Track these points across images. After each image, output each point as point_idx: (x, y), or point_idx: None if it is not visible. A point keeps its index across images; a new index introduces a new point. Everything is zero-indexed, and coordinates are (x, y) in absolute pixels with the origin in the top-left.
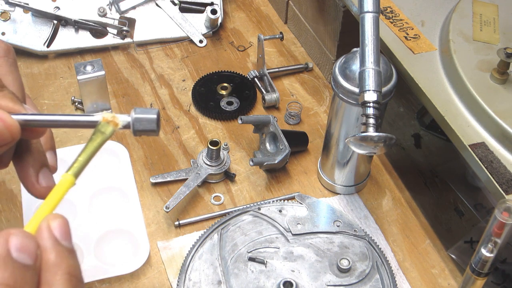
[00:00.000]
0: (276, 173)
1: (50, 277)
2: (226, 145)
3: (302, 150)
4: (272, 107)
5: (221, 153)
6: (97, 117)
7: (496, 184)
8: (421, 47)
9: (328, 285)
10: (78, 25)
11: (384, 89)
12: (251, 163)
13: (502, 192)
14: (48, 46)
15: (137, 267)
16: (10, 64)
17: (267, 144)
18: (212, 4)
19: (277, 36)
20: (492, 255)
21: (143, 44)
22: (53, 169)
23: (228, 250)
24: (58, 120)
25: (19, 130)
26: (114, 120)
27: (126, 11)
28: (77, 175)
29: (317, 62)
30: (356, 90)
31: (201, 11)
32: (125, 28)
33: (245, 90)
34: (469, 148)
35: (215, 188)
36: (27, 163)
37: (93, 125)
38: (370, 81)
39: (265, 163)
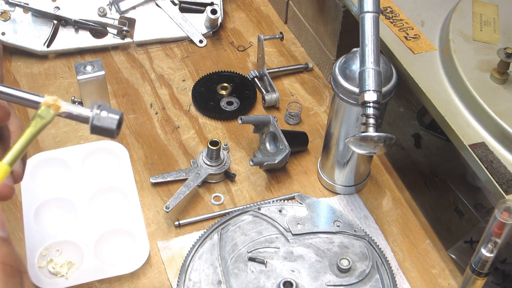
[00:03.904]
0: (276, 173)
1: None
2: (226, 145)
3: (302, 150)
4: (272, 107)
5: (221, 153)
6: (40, 98)
7: (496, 184)
8: (421, 47)
9: (328, 285)
10: (78, 25)
11: (384, 89)
12: (251, 163)
13: (502, 192)
14: (48, 46)
15: (137, 267)
16: None
17: (267, 144)
18: (212, 4)
19: (277, 36)
20: (492, 255)
21: (143, 44)
22: (18, 177)
23: (228, 250)
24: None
25: None
26: (56, 104)
27: (126, 11)
28: (12, 163)
29: (317, 62)
30: (356, 90)
31: (201, 11)
32: (125, 28)
33: (245, 90)
34: (469, 148)
35: (215, 188)
36: None
37: (34, 105)
38: (370, 81)
39: (265, 163)
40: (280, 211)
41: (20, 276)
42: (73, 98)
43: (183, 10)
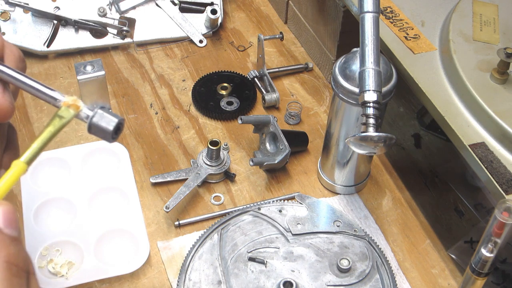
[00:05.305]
0: (276, 173)
1: None
2: (226, 145)
3: (302, 150)
4: (272, 107)
5: (221, 153)
6: (57, 95)
7: (496, 184)
8: (421, 47)
9: (328, 285)
10: (78, 25)
11: (384, 89)
12: (251, 163)
13: (502, 192)
14: (48, 46)
15: (137, 267)
16: (17, 68)
17: (267, 144)
18: (212, 4)
19: (277, 36)
20: (492, 255)
21: (143, 44)
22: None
23: (228, 250)
24: (13, 76)
25: None
26: (75, 104)
27: (126, 11)
28: (29, 162)
29: (317, 62)
30: (356, 90)
31: (201, 11)
32: (125, 28)
33: (245, 90)
34: (469, 148)
35: (215, 188)
36: None
37: (51, 101)
38: (370, 81)
39: (265, 163)
40: (280, 211)
41: (26, 277)
42: None
43: (183, 10)
